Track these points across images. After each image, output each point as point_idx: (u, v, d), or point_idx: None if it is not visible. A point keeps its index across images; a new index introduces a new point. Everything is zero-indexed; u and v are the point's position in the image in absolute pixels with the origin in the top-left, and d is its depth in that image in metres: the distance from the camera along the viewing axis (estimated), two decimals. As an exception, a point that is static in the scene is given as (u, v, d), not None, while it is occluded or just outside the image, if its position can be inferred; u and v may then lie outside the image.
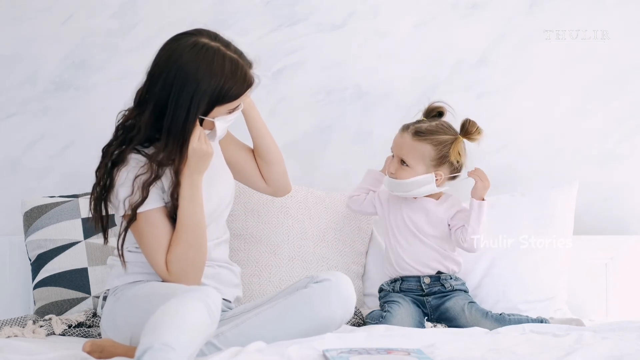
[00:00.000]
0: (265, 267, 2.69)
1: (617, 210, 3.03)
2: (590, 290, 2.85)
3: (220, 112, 2.19)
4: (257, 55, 2.29)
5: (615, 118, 3.04)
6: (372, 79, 3.08)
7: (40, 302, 2.65)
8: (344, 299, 2.11)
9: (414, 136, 2.55)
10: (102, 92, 3.02)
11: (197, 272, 2.19)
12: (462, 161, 2.57)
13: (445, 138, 2.55)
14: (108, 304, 2.22)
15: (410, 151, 2.55)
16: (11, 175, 3.03)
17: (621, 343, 1.97)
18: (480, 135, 2.56)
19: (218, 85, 2.14)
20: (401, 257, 2.59)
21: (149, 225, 2.16)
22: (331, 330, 2.12)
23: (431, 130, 2.56)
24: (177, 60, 2.13)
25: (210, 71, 2.13)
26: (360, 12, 3.08)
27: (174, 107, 2.12)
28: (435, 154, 2.54)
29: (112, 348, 1.98)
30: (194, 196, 2.17)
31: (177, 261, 2.15)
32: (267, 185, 2.50)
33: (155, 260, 2.16)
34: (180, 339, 1.74)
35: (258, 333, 2.04)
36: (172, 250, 2.16)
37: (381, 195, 2.67)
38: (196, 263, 2.18)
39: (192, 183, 2.18)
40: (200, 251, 2.18)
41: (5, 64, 3.05)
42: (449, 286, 2.56)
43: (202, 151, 2.16)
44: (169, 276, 2.16)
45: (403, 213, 2.61)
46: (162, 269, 2.16)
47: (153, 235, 2.16)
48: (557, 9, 3.05)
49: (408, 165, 2.55)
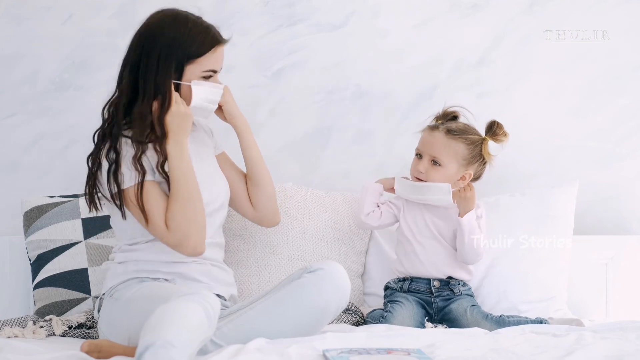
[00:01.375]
0: (264, 267, 2.70)
1: (617, 210, 3.03)
2: (590, 290, 2.85)
3: (193, 74, 2.26)
4: (257, 55, 2.30)
5: (615, 118, 3.04)
6: (372, 79, 3.08)
7: (40, 302, 2.65)
8: (338, 287, 2.12)
9: (447, 134, 2.55)
10: (102, 92, 2.99)
11: (198, 230, 2.20)
12: (491, 162, 2.59)
13: (475, 138, 2.57)
14: (105, 305, 2.23)
15: (444, 149, 2.54)
16: (11, 175, 3.03)
17: (621, 343, 1.97)
18: (507, 137, 2.57)
19: (181, 39, 2.24)
20: (418, 258, 2.58)
21: (146, 194, 2.19)
22: (327, 320, 2.14)
23: (462, 130, 2.57)
24: (146, 26, 2.29)
25: (174, 28, 2.25)
26: (360, 12, 3.08)
27: (145, 65, 2.23)
28: (468, 152, 2.55)
29: (110, 348, 1.98)
30: (182, 154, 2.22)
31: (175, 217, 2.17)
32: (254, 211, 2.53)
33: (156, 223, 2.18)
34: (181, 338, 1.75)
35: (254, 326, 2.05)
36: (169, 208, 2.19)
37: (395, 201, 2.66)
38: (195, 219, 2.19)
39: (178, 143, 2.22)
40: (196, 207, 2.20)
41: (5, 64, 3.05)
42: (457, 291, 2.57)
43: (180, 113, 2.23)
44: (169, 235, 2.18)
45: (425, 217, 2.60)
46: (163, 229, 2.18)
47: (149, 204, 2.19)
48: (557, 9, 3.05)
49: (440, 164, 2.54)
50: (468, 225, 2.51)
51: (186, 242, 2.18)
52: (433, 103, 3.01)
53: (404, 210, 2.63)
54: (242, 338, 2.02)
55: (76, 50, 3.06)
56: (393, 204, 2.65)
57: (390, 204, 2.65)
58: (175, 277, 2.26)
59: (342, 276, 2.14)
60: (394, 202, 2.65)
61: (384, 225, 2.67)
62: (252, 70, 3.05)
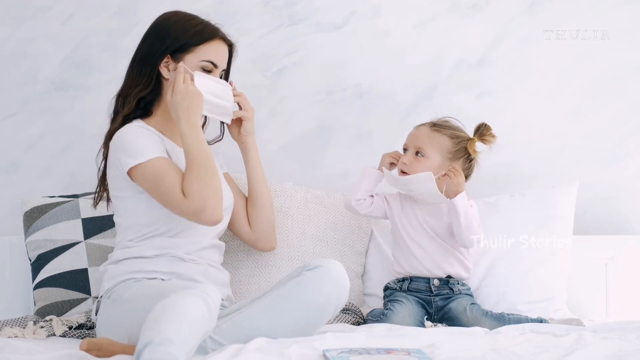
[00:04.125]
0: (264, 267, 2.69)
1: (617, 210, 3.03)
2: (590, 290, 2.85)
3: (192, 64, 2.32)
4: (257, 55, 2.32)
5: (615, 118, 3.04)
6: (372, 79, 3.08)
7: (40, 302, 2.65)
8: (337, 284, 2.13)
9: (432, 127, 2.59)
10: (102, 92, 3.01)
11: (216, 196, 2.20)
12: (477, 160, 2.59)
13: (461, 134, 2.59)
14: (103, 307, 2.23)
15: (428, 140, 2.56)
16: (11, 175, 3.03)
17: (621, 343, 1.97)
18: (495, 139, 2.57)
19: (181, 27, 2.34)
20: (414, 257, 2.58)
21: (162, 167, 2.21)
22: (327, 317, 2.14)
23: (448, 125, 2.60)
24: (152, 24, 2.41)
25: (176, 19, 2.37)
26: (361, 12, 3.08)
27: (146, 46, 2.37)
28: (452, 146, 2.56)
29: (110, 346, 1.98)
30: (196, 133, 2.24)
31: (192, 185, 2.18)
32: (251, 231, 2.57)
33: (174, 194, 2.19)
34: (180, 333, 1.76)
35: (253, 323, 2.06)
36: (186, 177, 2.20)
37: (389, 198, 2.66)
38: (212, 185, 2.20)
39: (190, 123, 2.25)
40: (213, 175, 2.21)
41: (5, 64, 3.06)
42: (457, 290, 2.57)
43: (188, 91, 2.26)
44: (188, 202, 2.17)
45: (418, 215, 2.60)
46: (180, 197, 2.18)
47: (168, 175, 2.20)
48: (557, 9, 3.05)
49: (424, 155, 2.55)
50: (461, 205, 2.50)
51: (204, 209, 2.17)
52: (433, 103, 3.01)
53: (398, 210, 2.63)
54: (242, 335, 2.03)
55: (76, 50, 3.06)
56: (387, 199, 2.66)
57: (384, 199, 2.66)
58: (172, 277, 2.26)
59: (340, 273, 2.15)
60: (388, 199, 2.66)
61: (372, 215, 2.68)
62: (252, 70, 3.06)
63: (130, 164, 2.22)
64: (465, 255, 2.61)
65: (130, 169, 2.23)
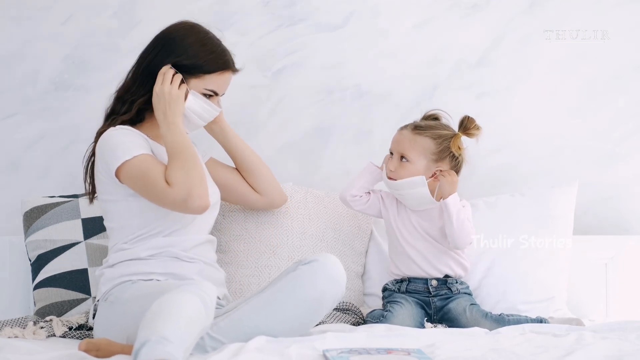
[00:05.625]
0: (264, 268, 2.69)
1: (617, 210, 3.02)
2: (590, 290, 2.85)
3: (195, 87, 2.31)
4: (257, 55, 2.32)
5: (615, 118, 3.04)
6: (372, 79, 3.08)
7: (40, 302, 2.65)
8: (332, 278, 2.13)
9: (414, 130, 2.56)
10: (102, 92, 3.00)
11: (200, 182, 2.21)
12: (463, 156, 2.57)
13: (444, 133, 2.56)
14: (100, 310, 2.23)
15: (411, 145, 2.54)
16: (11, 175, 3.04)
17: (621, 343, 1.97)
18: (479, 131, 2.56)
19: (195, 50, 2.31)
20: (411, 260, 2.58)
21: (147, 163, 2.22)
22: (323, 312, 2.14)
23: (430, 126, 2.57)
24: (164, 31, 2.36)
25: (192, 37, 2.33)
26: (360, 12, 3.08)
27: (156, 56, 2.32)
28: (435, 147, 2.54)
29: (108, 346, 1.98)
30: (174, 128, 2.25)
31: (175, 173, 2.19)
32: (261, 197, 2.60)
33: (158, 184, 2.19)
34: (177, 331, 1.76)
35: (250, 319, 2.06)
36: (169, 167, 2.22)
37: (385, 198, 2.66)
38: (196, 172, 2.21)
39: (170, 125, 2.26)
40: (195, 162, 2.22)
41: (5, 64, 3.06)
42: (455, 290, 2.56)
43: (166, 92, 2.27)
44: (173, 191, 2.18)
45: (412, 219, 2.60)
46: (165, 188, 2.19)
47: (152, 170, 2.21)
48: (557, 9, 3.05)
49: (408, 160, 2.55)
50: (454, 206, 2.49)
51: (190, 195, 2.17)
52: (433, 103, 3.00)
53: (394, 211, 2.62)
54: (239, 332, 2.04)
55: (76, 50, 3.06)
56: (383, 198, 2.66)
57: (381, 198, 2.66)
58: (168, 277, 2.26)
59: (336, 267, 2.14)
60: (384, 198, 2.66)
61: (366, 212, 2.68)
62: (252, 70, 3.05)
63: (116, 164, 2.23)
64: (461, 254, 2.60)
65: (117, 169, 2.23)
